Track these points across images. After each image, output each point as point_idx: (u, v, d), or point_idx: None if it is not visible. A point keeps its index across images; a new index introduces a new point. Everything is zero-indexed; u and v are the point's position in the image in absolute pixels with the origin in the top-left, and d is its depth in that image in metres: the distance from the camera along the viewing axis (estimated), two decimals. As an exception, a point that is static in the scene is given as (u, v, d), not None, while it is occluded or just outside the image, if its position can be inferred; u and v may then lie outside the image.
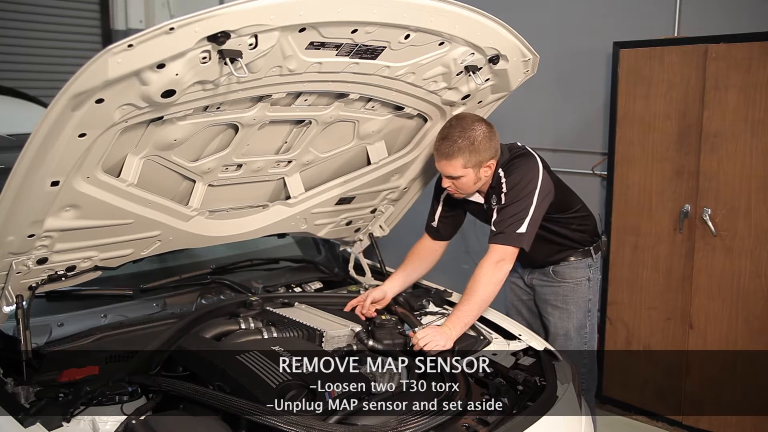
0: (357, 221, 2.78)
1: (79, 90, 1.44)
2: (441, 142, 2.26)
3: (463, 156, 2.24)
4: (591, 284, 2.66)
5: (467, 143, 2.23)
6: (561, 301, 2.65)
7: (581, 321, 2.65)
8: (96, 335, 2.10)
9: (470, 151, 2.24)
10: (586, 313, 2.66)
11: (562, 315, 2.65)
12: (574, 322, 2.64)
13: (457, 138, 2.23)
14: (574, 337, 2.65)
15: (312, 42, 1.71)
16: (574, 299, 2.64)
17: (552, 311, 2.67)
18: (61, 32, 5.34)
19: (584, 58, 3.96)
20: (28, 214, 1.70)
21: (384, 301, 2.46)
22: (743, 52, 3.06)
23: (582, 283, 2.64)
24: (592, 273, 2.66)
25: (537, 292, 2.73)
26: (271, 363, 1.77)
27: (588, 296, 2.65)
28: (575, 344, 2.64)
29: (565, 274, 2.63)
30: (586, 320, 2.66)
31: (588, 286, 2.65)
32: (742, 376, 3.26)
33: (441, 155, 2.26)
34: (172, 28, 1.42)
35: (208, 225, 2.27)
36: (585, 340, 2.67)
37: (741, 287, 3.21)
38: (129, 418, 1.58)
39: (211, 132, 1.98)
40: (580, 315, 2.65)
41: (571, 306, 2.64)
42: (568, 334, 2.64)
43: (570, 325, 2.64)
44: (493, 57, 2.09)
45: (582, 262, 2.63)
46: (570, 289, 2.63)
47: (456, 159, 2.24)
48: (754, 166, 3.10)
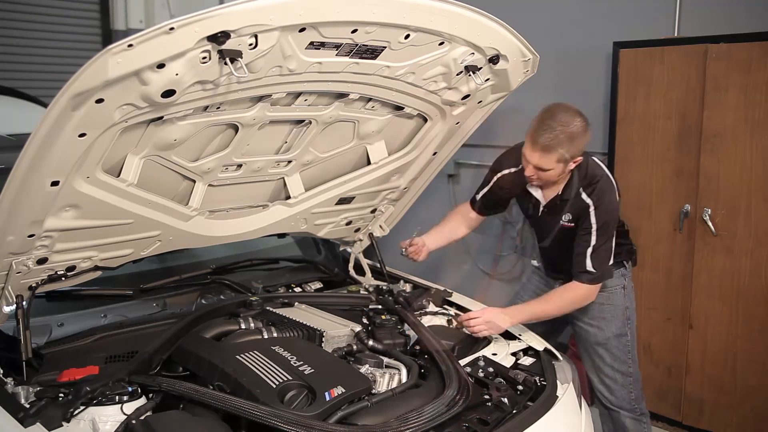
0: (357, 221, 2.78)
1: (79, 90, 1.44)
2: (541, 132, 2.18)
3: (561, 150, 2.18)
4: (627, 292, 2.60)
5: (567, 138, 2.16)
6: (597, 310, 2.57)
7: (620, 329, 2.58)
8: (96, 335, 2.10)
9: (568, 146, 2.18)
10: (625, 321, 2.58)
11: (600, 324, 2.58)
12: (613, 330, 2.57)
13: (560, 132, 2.16)
14: (615, 345, 2.58)
15: (312, 42, 1.71)
16: (611, 307, 2.57)
17: (589, 321, 2.59)
18: (61, 32, 5.34)
19: (584, 58, 3.96)
20: (28, 214, 1.70)
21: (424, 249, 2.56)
22: (743, 52, 3.06)
23: (617, 291, 2.58)
24: (626, 281, 2.61)
25: None
26: (271, 363, 1.77)
27: (625, 303, 2.59)
28: (617, 352, 2.58)
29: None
30: (625, 328, 2.59)
31: (624, 294, 2.59)
32: (742, 376, 3.26)
33: (538, 146, 2.19)
34: (172, 28, 1.42)
35: (208, 225, 2.27)
36: (628, 348, 2.59)
37: (741, 287, 3.21)
38: (129, 418, 1.58)
39: (211, 132, 1.98)
40: (619, 323, 2.57)
41: (607, 314, 2.57)
42: (608, 342, 2.57)
43: (609, 333, 2.57)
44: (493, 57, 2.09)
45: (615, 272, 2.55)
46: (606, 297, 2.55)
47: (553, 153, 2.19)
48: (754, 166, 3.10)
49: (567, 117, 2.19)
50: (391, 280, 2.78)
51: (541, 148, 2.20)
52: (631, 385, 2.62)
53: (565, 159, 2.21)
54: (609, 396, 2.63)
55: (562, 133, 2.17)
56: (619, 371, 2.60)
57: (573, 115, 2.21)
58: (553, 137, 2.17)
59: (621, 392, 2.61)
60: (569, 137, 2.17)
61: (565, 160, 2.22)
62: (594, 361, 2.62)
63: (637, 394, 2.64)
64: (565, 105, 2.25)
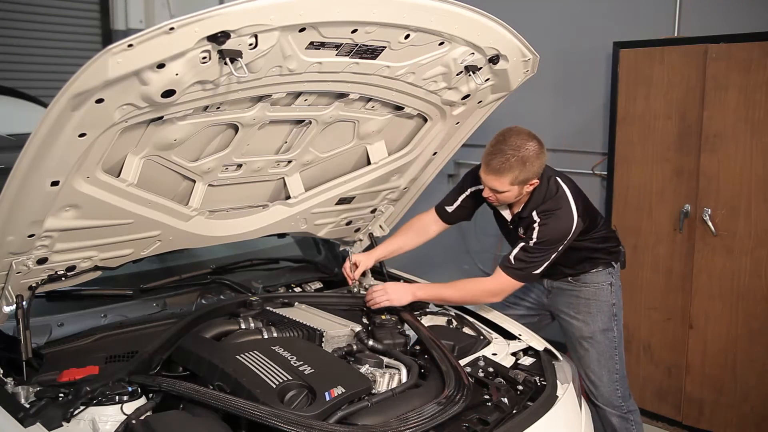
0: (357, 221, 2.77)
1: (79, 90, 1.44)
2: (493, 156, 2.24)
3: (513, 174, 2.23)
4: (614, 289, 2.63)
5: (519, 162, 2.22)
6: (584, 305, 2.61)
7: (607, 324, 2.61)
8: (96, 335, 2.10)
9: (521, 170, 2.23)
10: (611, 317, 2.61)
11: (586, 318, 2.61)
12: (599, 324, 2.60)
13: (511, 155, 2.21)
14: (600, 340, 2.61)
15: (312, 42, 1.71)
16: (597, 302, 2.60)
17: (575, 314, 2.63)
18: (61, 32, 5.34)
19: (584, 58, 3.96)
20: (28, 214, 1.70)
21: (363, 265, 2.54)
22: (743, 52, 3.06)
23: (604, 287, 2.61)
24: (614, 279, 2.64)
25: (556, 299, 2.70)
26: (271, 363, 1.77)
27: (611, 300, 2.61)
28: (603, 346, 2.61)
29: (587, 279, 2.61)
30: (612, 324, 2.61)
31: (611, 291, 2.62)
32: (742, 376, 3.26)
33: (491, 170, 2.26)
34: (172, 28, 1.42)
35: (208, 225, 2.27)
36: (614, 345, 2.63)
37: (741, 287, 3.21)
38: (129, 418, 1.58)
39: (211, 132, 1.98)
40: (605, 318, 2.60)
41: (593, 308, 2.60)
42: (594, 336, 2.61)
43: (595, 327, 2.60)
44: (493, 57, 2.09)
45: (603, 271, 2.61)
46: (592, 293, 2.60)
47: (505, 176, 2.24)
48: (754, 166, 3.10)
49: (519, 141, 2.24)
50: (391, 280, 2.78)
51: (493, 172, 2.26)
52: (618, 383, 2.64)
53: (519, 181, 2.26)
54: (595, 392, 2.66)
55: (513, 157, 2.22)
56: (606, 368, 2.63)
57: (525, 140, 2.25)
58: (505, 161, 2.22)
59: (607, 389, 2.64)
60: (521, 161, 2.22)
61: (520, 182, 2.27)
62: (581, 356, 2.66)
63: (623, 393, 2.67)
64: (518, 129, 2.30)
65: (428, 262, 4.45)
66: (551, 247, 2.31)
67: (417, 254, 2.90)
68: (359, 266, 2.53)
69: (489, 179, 2.29)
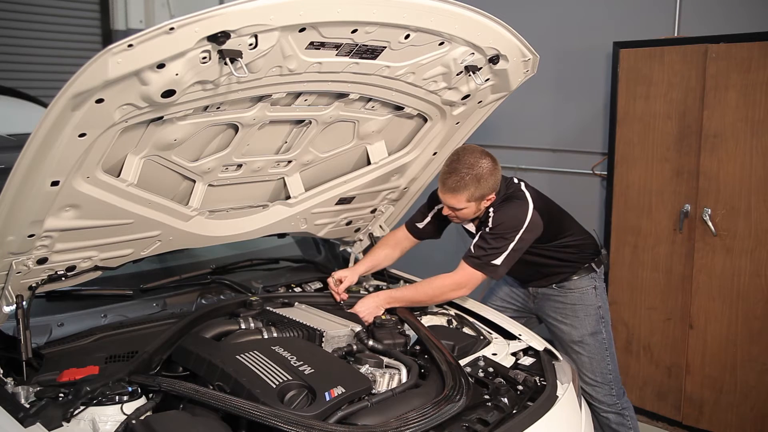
0: (357, 221, 2.78)
1: (79, 90, 1.44)
2: (448, 176, 2.31)
3: (469, 191, 2.30)
4: (598, 292, 2.66)
5: (473, 179, 2.29)
6: (570, 310, 2.65)
7: (595, 327, 2.64)
8: (96, 335, 2.10)
9: (476, 187, 2.30)
10: (599, 320, 2.64)
11: (574, 322, 2.64)
12: (587, 328, 2.63)
13: (465, 174, 2.28)
14: (590, 343, 2.64)
15: (312, 42, 1.71)
16: (583, 307, 2.64)
17: (562, 319, 2.67)
18: (61, 32, 5.34)
19: (584, 58, 3.96)
20: (28, 214, 1.70)
21: (348, 281, 2.53)
22: (743, 52, 3.06)
23: (588, 291, 2.64)
24: (597, 282, 2.67)
25: (542, 304, 2.72)
26: (271, 363, 1.77)
27: (597, 303, 2.65)
28: (593, 349, 2.64)
29: (571, 285, 2.64)
30: (600, 326, 2.65)
31: (595, 294, 2.65)
32: (742, 376, 3.26)
33: (447, 189, 2.33)
34: (172, 28, 1.42)
35: (208, 225, 2.27)
36: (605, 346, 2.66)
37: (741, 287, 3.21)
38: (129, 418, 1.58)
39: (211, 132, 1.98)
40: (593, 321, 2.64)
41: (580, 313, 2.64)
42: (583, 340, 2.64)
43: (584, 331, 2.64)
44: (493, 57, 2.09)
45: (585, 276, 2.65)
46: (577, 297, 2.64)
47: (461, 194, 2.31)
48: (754, 166, 3.11)
49: (472, 159, 2.31)
50: (391, 280, 2.79)
51: (449, 190, 2.33)
52: (612, 383, 2.67)
53: (475, 198, 2.33)
54: (591, 393, 2.68)
55: (468, 175, 2.29)
56: (598, 369, 2.66)
57: (479, 157, 2.32)
58: (459, 179, 2.29)
59: (602, 390, 2.67)
60: (475, 178, 2.29)
61: (477, 199, 2.34)
62: (573, 360, 2.67)
63: (617, 391, 2.70)
64: (471, 147, 2.38)
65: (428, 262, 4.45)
66: (506, 233, 2.34)
67: (417, 254, 2.90)
68: (344, 282, 2.53)
69: (446, 198, 2.35)
